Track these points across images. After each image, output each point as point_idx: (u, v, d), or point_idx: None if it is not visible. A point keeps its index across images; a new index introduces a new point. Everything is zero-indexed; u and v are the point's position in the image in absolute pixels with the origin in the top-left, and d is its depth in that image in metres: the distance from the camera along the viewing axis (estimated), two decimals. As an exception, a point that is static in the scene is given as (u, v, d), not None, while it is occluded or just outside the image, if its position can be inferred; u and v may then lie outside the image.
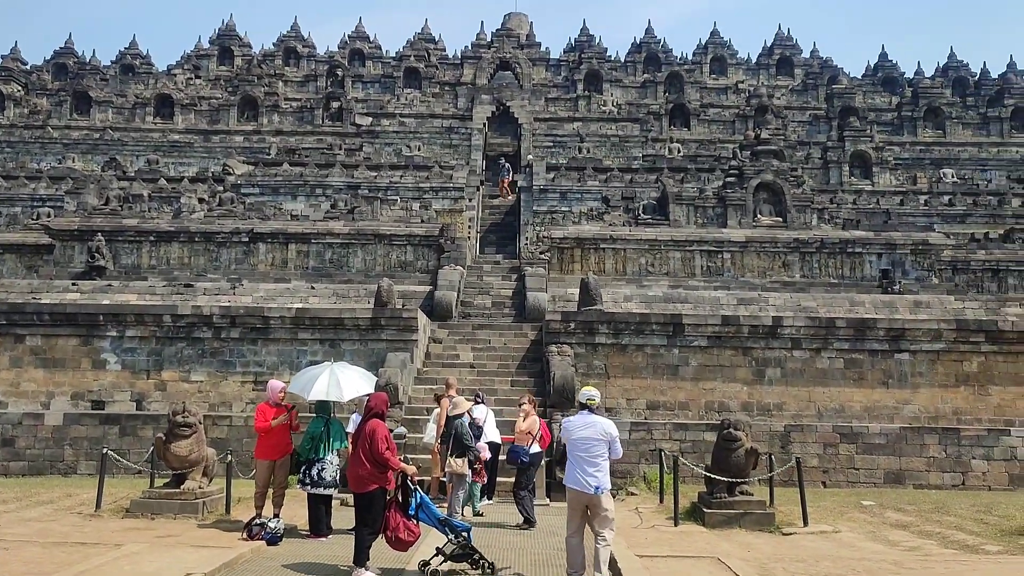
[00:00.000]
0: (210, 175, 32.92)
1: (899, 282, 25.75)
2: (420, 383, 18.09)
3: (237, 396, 18.96)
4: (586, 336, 18.81)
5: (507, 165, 35.66)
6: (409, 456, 14.58)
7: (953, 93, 40.96)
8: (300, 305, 20.93)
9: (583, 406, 8.39)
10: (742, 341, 18.74)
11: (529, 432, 12.65)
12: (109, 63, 46.51)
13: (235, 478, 12.61)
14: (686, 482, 13.98)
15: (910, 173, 34.60)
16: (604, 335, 18.77)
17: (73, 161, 36.66)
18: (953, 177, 34.19)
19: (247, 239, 26.41)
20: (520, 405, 13.32)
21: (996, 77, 43.34)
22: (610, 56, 44.38)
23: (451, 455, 11.89)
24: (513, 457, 12.49)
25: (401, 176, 31.54)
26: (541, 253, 26.25)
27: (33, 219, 29.66)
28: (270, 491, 10.76)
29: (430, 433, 13.90)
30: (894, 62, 46.54)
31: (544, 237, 26.46)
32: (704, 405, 18.55)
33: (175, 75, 42.84)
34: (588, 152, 34.32)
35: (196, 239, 26.55)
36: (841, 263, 26.32)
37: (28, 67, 44.45)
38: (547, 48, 42.75)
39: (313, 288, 25.09)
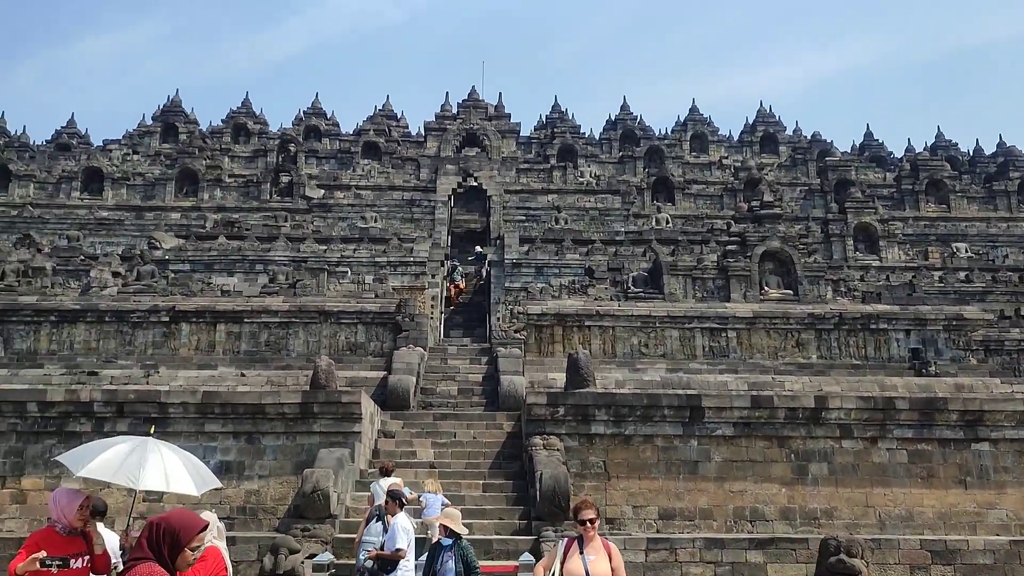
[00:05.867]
0: (137, 252, 28.81)
1: (933, 363, 22.09)
2: (363, 489, 13.72)
3: (122, 509, 14.38)
4: (579, 424, 14.66)
5: (458, 267, 29.07)
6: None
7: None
8: (207, 388, 16.64)
9: None
10: (777, 429, 14.72)
11: None
12: (44, 142, 42.80)
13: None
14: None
15: (918, 248, 31.47)
16: (602, 423, 14.62)
17: (-20, 240, 32.31)
18: (967, 252, 31.08)
19: (167, 318, 22.27)
20: (581, 520, 6.61)
21: (990, 154, 41.09)
22: (584, 133, 41.54)
23: None
24: None
25: (355, 250, 27.67)
26: (516, 332, 22.28)
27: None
28: None
29: (362, 556, 9.51)
30: (880, 141, 44.32)
31: (520, 313, 22.54)
32: (732, 512, 14.35)
33: (110, 151, 38.95)
34: (565, 224, 30.78)
35: (107, 319, 22.45)
36: (864, 341, 22.68)
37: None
38: (517, 122, 39.72)
39: (243, 375, 20.84)
